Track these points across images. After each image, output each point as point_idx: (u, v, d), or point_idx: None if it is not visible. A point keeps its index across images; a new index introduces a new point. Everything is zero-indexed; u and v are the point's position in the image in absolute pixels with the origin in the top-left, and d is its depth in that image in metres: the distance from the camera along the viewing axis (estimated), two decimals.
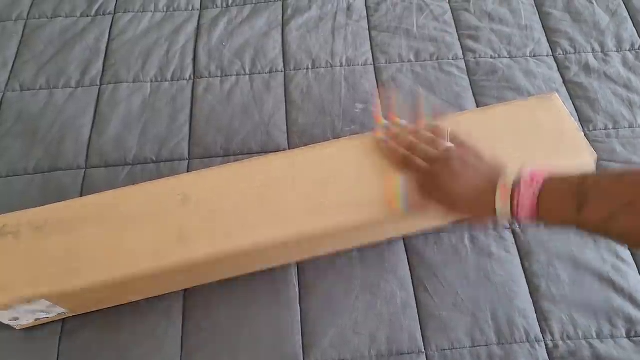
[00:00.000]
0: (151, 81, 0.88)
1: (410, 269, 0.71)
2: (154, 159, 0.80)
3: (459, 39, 0.93)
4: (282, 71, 0.89)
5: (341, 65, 0.89)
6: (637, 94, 0.85)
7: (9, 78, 0.89)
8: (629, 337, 0.66)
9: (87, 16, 0.96)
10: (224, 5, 0.98)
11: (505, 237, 0.73)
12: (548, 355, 0.65)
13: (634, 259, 0.71)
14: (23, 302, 0.59)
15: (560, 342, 0.65)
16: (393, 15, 0.96)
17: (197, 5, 0.98)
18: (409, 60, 0.90)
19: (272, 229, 0.62)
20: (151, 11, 0.97)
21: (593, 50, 0.91)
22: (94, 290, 0.61)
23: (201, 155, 0.80)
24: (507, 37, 0.92)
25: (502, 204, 0.53)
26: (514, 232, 0.73)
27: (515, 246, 0.72)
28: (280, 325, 0.67)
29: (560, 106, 0.71)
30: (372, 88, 0.87)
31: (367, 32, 0.94)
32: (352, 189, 0.64)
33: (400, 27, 0.94)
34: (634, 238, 0.46)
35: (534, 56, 0.90)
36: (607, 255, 0.71)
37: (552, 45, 0.92)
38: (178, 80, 0.88)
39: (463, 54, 0.91)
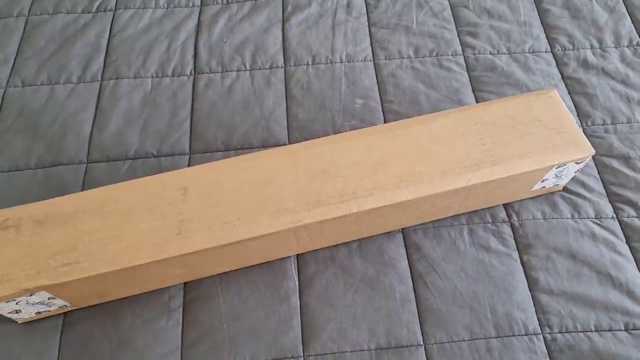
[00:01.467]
0: (152, 77, 0.89)
1: (409, 263, 0.71)
2: (155, 153, 0.80)
3: (458, 35, 0.93)
4: (282, 67, 0.89)
5: (341, 61, 0.90)
6: (635, 90, 0.86)
7: (10, 74, 0.89)
8: (627, 330, 0.66)
9: (88, 12, 0.97)
10: (224, 1, 0.98)
11: (503, 231, 0.73)
12: (546, 348, 0.65)
13: (632, 253, 0.71)
14: (24, 294, 0.60)
15: (559, 336, 0.66)
16: (393, 12, 0.96)
17: (198, 2, 0.98)
18: (409, 57, 0.90)
19: (272, 222, 0.62)
20: (152, 7, 0.97)
21: (591, 46, 0.91)
22: (94, 282, 0.61)
23: (202, 150, 0.81)
24: (506, 33, 0.93)
25: None
26: (512, 226, 0.74)
27: (513, 240, 0.72)
28: (280, 318, 0.67)
29: (558, 101, 0.71)
30: (371, 84, 0.87)
31: (367, 28, 0.94)
32: (351, 182, 0.64)
33: (400, 24, 0.94)
34: None
35: (533, 52, 0.91)
36: (605, 249, 0.71)
37: (551, 41, 0.92)
38: (179, 76, 0.89)
39: (462, 50, 0.91)
